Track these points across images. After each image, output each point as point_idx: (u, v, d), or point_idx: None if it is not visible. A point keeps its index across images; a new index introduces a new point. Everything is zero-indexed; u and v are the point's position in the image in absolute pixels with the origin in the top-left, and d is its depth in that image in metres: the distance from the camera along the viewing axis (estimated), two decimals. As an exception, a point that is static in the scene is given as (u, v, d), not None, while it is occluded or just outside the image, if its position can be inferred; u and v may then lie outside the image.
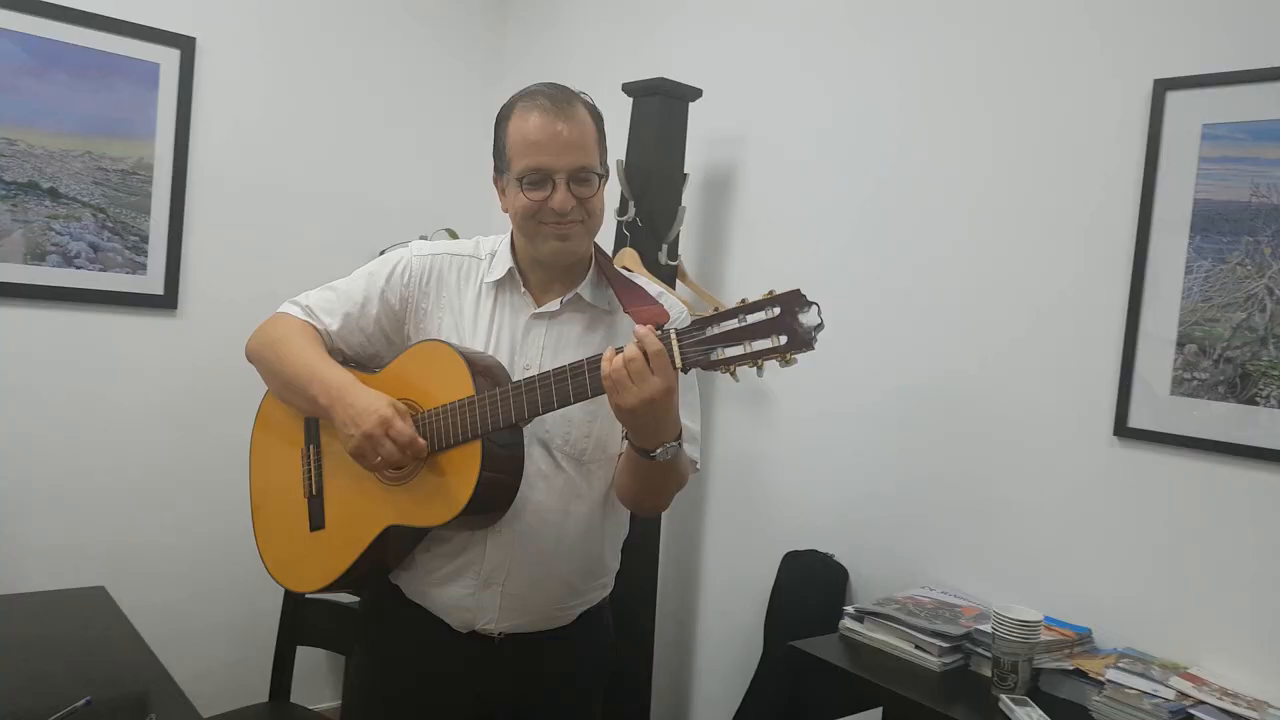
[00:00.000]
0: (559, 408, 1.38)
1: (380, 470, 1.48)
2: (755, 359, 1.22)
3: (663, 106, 2.49)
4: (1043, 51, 2.08)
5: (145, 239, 2.86)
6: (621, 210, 2.53)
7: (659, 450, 1.36)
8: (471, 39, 3.49)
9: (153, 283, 2.87)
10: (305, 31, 3.11)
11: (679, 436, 1.38)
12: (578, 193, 1.46)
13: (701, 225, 2.77)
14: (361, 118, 3.25)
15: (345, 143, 3.22)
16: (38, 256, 2.68)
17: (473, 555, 1.52)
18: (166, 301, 2.91)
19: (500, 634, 1.54)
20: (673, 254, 2.50)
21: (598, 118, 1.51)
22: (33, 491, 2.70)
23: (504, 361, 1.51)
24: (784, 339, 1.20)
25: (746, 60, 2.69)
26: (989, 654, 1.83)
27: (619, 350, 1.30)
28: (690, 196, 2.72)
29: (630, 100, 2.59)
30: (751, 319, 1.22)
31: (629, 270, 1.62)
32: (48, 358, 2.72)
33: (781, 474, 2.56)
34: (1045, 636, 1.84)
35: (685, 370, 1.28)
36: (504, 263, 1.56)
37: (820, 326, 1.20)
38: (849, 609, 2.07)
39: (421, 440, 1.43)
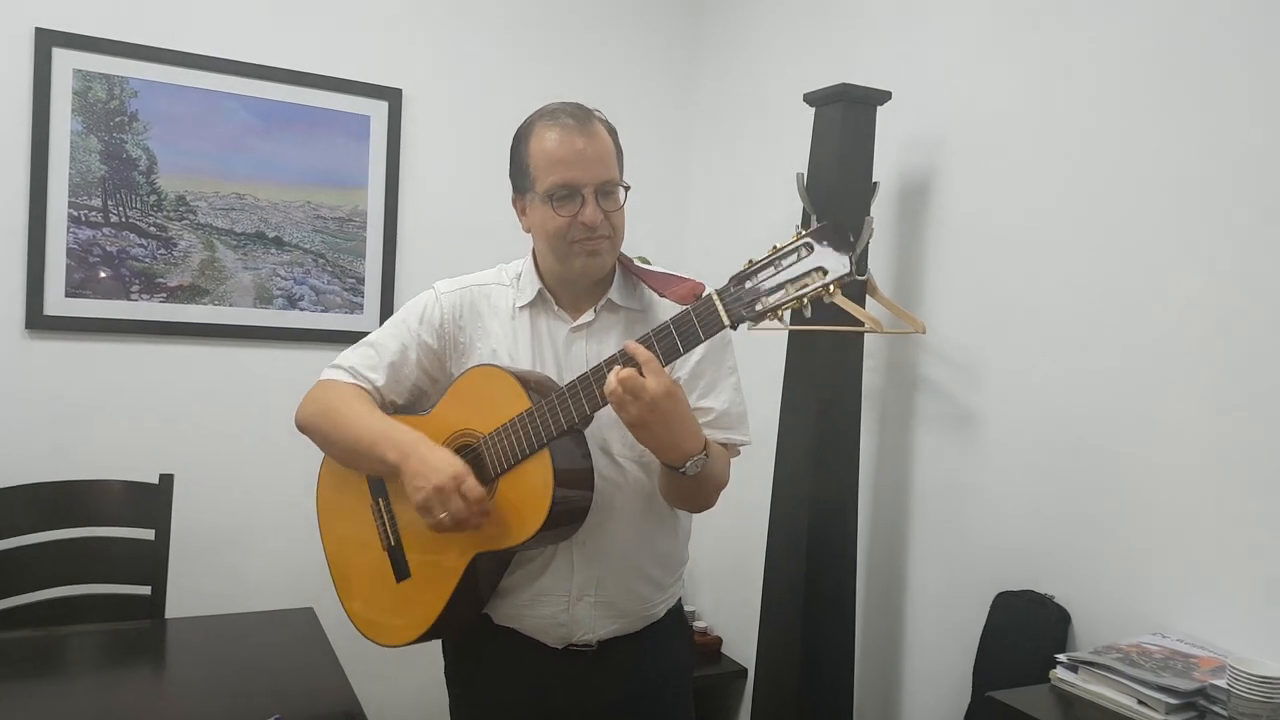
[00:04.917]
0: None
1: (441, 529, 1.45)
2: (799, 300, 1.23)
3: (846, 113, 2.36)
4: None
5: (361, 280, 3.03)
6: (804, 224, 2.41)
7: (687, 465, 1.39)
8: (663, 70, 3.49)
9: (369, 321, 3.01)
10: (502, 75, 3.20)
11: (705, 448, 1.41)
12: (604, 206, 1.49)
13: (896, 237, 2.59)
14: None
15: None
16: (265, 300, 2.90)
17: (560, 572, 1.53)
18: (381, 338, 3.05)
19: (597, 642, 1.55)
20: (860, 268, 2.35)
21: (614, 134, 1.56)
22: (262, 517, 2.88)
23: (551, 377, 1.52)
24: (822, 273, 1.21)
25: (939, 57, 2.50)
26: (1227, 713, 1.56)
27: (624, 361, 1.32)
28: (883, 207, 2.55)
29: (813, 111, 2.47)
30: (786, 263, 1.24)
31: (647, 262, 1.64)
32: (275, 392, 2.89)
33: (993, 506, 2.32)
34: (1301, 697, 1.54)
35: (734, 326, 1.29)
36: (532, 284, 1.59)
37: (853, 249, 1.20)
38: (1061, 657, 1.83)
39: (490, 502, 1.45)
